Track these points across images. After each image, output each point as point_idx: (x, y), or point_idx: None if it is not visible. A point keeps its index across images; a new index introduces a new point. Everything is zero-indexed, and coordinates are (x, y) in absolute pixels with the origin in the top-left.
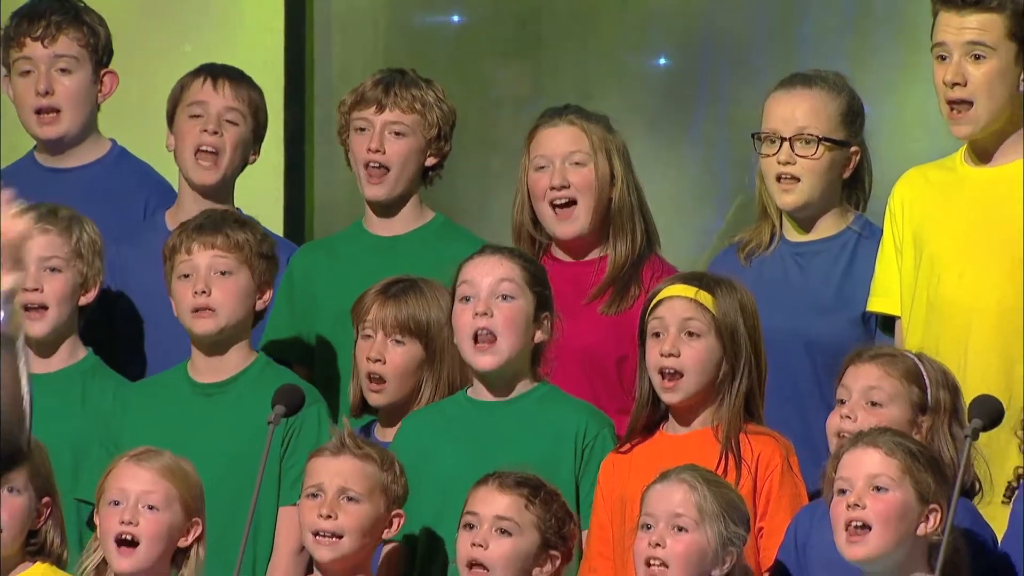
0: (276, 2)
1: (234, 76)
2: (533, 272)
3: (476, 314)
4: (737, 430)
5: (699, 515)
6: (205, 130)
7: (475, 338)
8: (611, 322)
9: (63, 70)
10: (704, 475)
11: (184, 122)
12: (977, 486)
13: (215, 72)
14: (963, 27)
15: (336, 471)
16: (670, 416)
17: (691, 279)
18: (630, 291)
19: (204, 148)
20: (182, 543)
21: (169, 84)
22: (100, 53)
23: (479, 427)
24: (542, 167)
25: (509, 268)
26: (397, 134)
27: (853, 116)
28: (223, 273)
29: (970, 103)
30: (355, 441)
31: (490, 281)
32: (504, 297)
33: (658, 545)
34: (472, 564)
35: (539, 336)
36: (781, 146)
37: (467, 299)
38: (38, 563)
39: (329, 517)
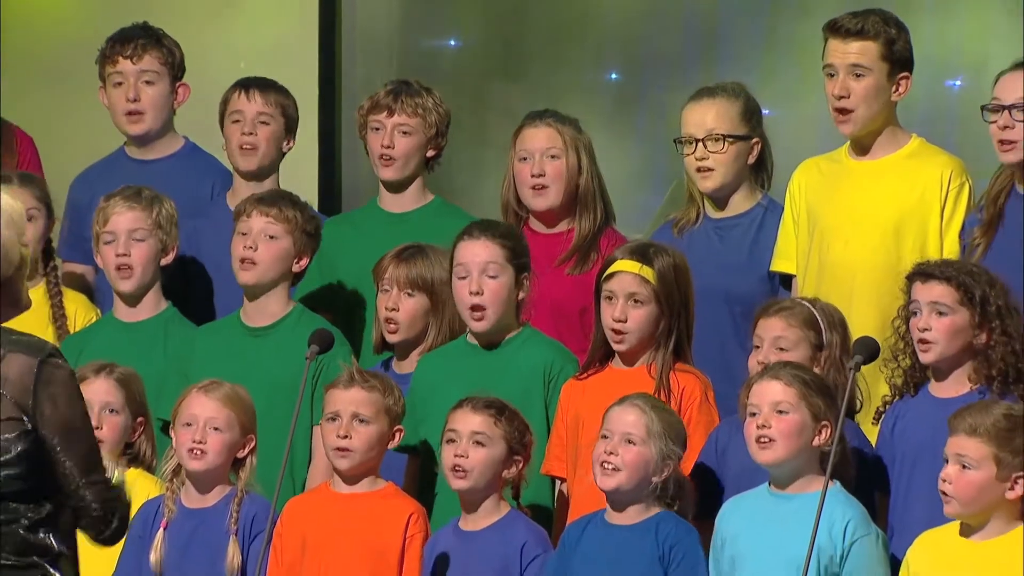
0: (312, 28)
1: (262, 86)
2: (512, 248)
3: (471, 292)
4: (668, 369)
5: (646, 434)
6: (244, 132)
7: (471, 308)
8: (576, 280)
9: (147, 82)
10: (654, 402)
11: (228, 127)
12: (859, 405)
13: (248, 84)
14: (847, 52)
15: (349, 400)
16: (617, 355)
17: (636, 253)
18: (591, 256)
19: (244, 145)
20: (239, 454)
21: None
22: (176, 69)
23: (475, 366)
24: (524, 159)
25: (493, 251)
26: (404, 133)
27: (750, 115)
28: (270, 237)
29: (853, 110)
30: (361, 376)
31: (479, 262)
32: (491, 275)
33: (613, 453)
34: (456, 468)
35: (521, 295)
36: (696, 146)
37: (462, 276)
38: (132, 469)
39: (346, 437)
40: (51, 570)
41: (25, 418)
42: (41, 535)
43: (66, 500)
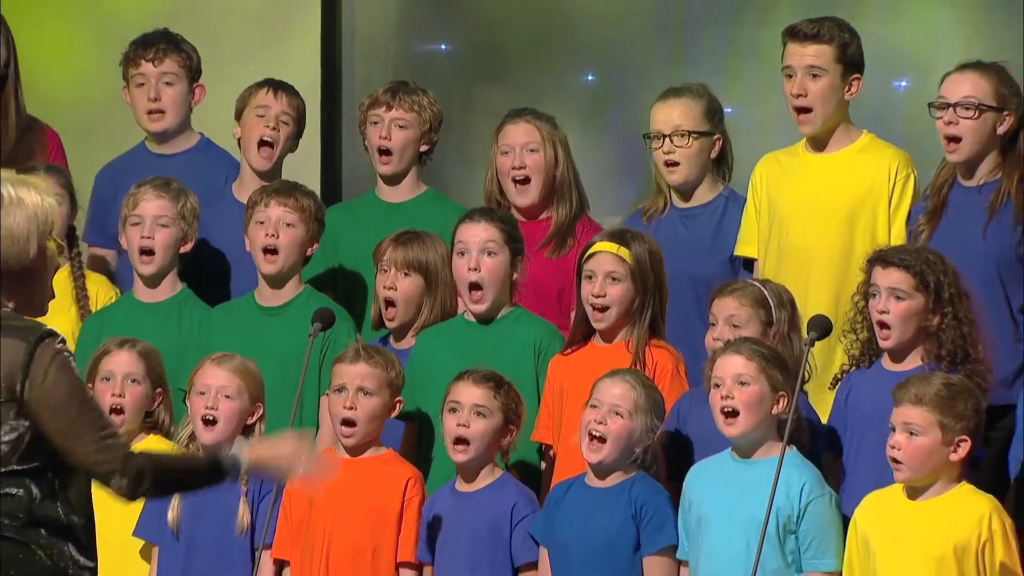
0: (314, 33)
1: (288, 89)
2: (509, 232)
3: (469, 269)
4: (644, 345)
5: (634, 407)
6: (267, 126)
7: (470, 287)
8: (554, 264)
9: (167, 83)
10: (643, 379)
11: (251, 119)
12: (808, 375)
13: (276, 85)
14: (804, 54)
15: (355, 374)
16: (597, 332)
17: (615, 237)
18: (567, 242)
19: (265, 140)
20: (249, 421)
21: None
22: (193, 72)
23: (472, 340)
24: (506, 152)
25: (492, 232)
26: (400, 127)
27: (712, 113)
28: (288, 224)
29: (810, 109)
30: (366, 351)
31: (478, 242)
32: (489, 253)
33: (601, 423)
34: (458, 439)
35: (515, 276)
36: (664, 141)
37: (462, 254)
38: (153, 436)
39: (351, 408)
40: (52, 539)
41: (16, 398)
42: (47, 507)
43: (73, 469)
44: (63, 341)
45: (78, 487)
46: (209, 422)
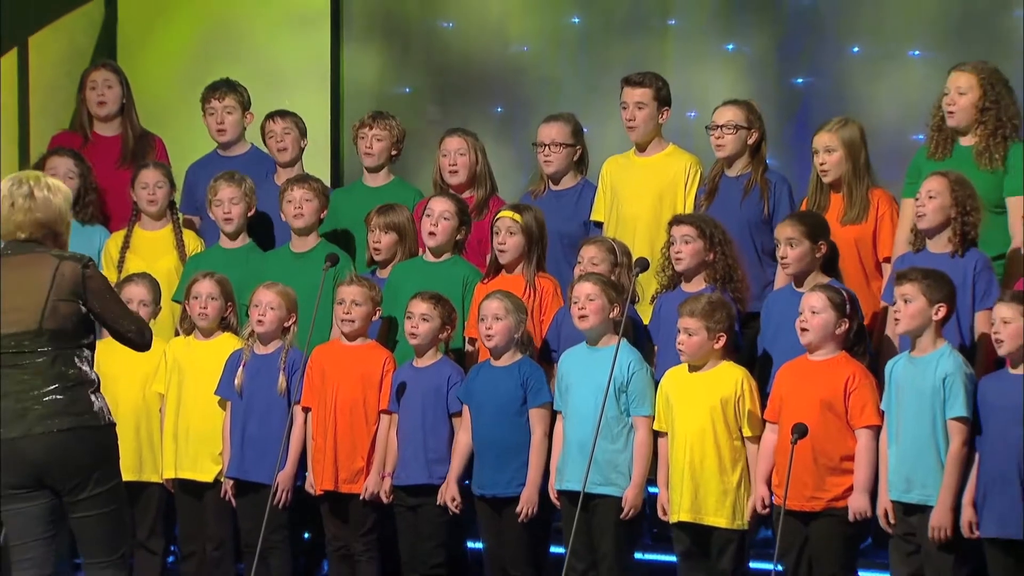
0: (325, 83)
1: (282, 113)
2: (462, 208)
3: (431, 225)
4: (534, 275)
5: (506, 311)
6: (278, 144)
7: (429, 234)
8: (475, 224)
9: (228, 112)
10: (507, 293)
11: (269, 140)
12: (638, 298)
13: (273, 114)
14: (634, 95)
15: (350, 292)
16: (504, 268)
17: (513, 208)
18: (483, 211)
19: (279, 150)
20: (286, 324)
21: None
22: (245, 104)
23: (426, 273)
24: (445, 155)
25: (449, 205)
26: (378, 140)
27: (577, 133)
28: (307, 200)
29: (637, 127)
30: (358, 279)
31: (439, 211)
32: (445, 218)
33: (490, 328)
34: (411, 334)
35: (458, 237)
36: (545, 149)
37: (427, 216)
38: (226, 333)
39: (348, 314)
40: (91, 395)
41: (79, 299)
42: (87, 368)
43: (94, 347)
44: (94, 264)
45: (91, 358)
46: (260, 323)
